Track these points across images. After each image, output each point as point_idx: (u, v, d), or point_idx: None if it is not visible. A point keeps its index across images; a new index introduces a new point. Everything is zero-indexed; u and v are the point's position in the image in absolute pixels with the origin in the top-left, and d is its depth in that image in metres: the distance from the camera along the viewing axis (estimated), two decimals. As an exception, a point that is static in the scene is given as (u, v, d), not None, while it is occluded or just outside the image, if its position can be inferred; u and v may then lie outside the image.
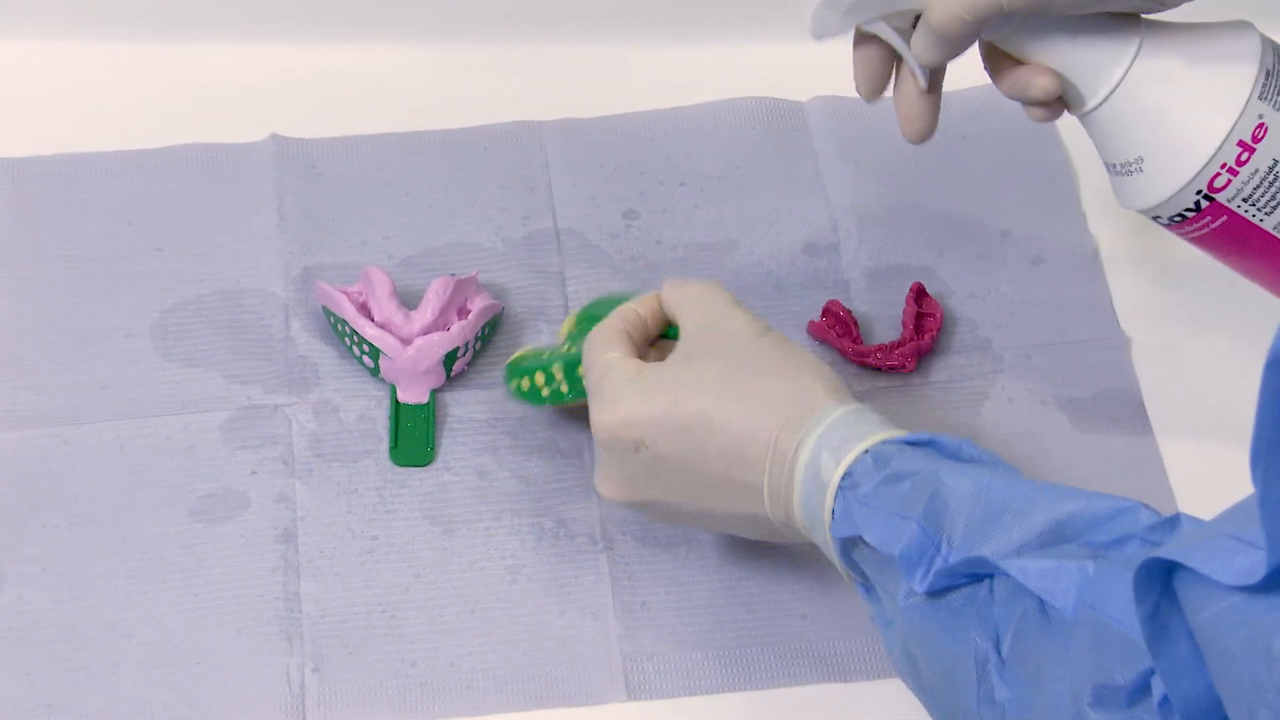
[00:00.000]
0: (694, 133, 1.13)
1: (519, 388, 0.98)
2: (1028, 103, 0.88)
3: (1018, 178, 1.12)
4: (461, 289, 1.01)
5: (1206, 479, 1.00)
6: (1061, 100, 0.88)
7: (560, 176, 1.10)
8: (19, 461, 0.98)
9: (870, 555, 0.81)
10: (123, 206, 1.08)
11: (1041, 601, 0.73)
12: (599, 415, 0.89)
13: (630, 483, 0.89)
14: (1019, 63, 0.88)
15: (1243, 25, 0.87)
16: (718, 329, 0.89)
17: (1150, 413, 1.02)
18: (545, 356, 0.97)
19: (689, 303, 0.91)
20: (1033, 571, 0.73)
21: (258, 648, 0.93)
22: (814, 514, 0.83)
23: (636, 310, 0.92)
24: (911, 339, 1.03)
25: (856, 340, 1.03)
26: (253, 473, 0.99)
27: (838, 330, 1.04)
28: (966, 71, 0.89)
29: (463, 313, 1.02)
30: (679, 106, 1.14)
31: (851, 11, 0.87)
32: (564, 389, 0.96)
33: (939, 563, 0.77)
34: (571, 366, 0.95)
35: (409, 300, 1.02)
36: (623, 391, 0.88)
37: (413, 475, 0.99)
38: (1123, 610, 0.69)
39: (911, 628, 0.79)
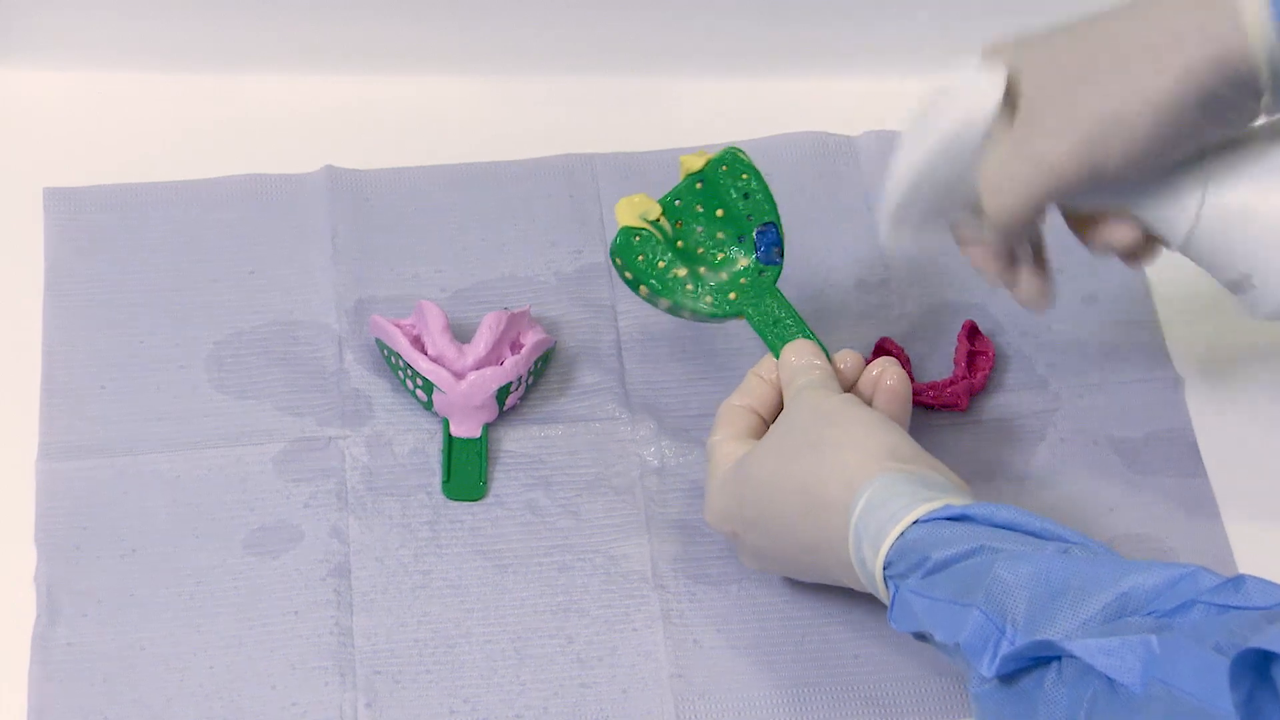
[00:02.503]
0: (746, 167, 1.13)
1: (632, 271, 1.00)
2: (1119, 255, 0.89)
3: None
4: (514, 323, 1.02)
5: (1260, 521, 1.00)
6: (1152, 239, 0.88)
7: (612, 210, 1.10)
8: (73, 493, 0.99)
9: (939, 643, 0.81)
10: (177, 237, 1.09)
11: (1110, 680, 0.72)
12: (704, 507, 0.94)
13: (751, 559, 0.94)
14: (1094, 217, 0.88)
15: None
16: (789, 404, 0.92)
17: (1203, 453, 1.02)
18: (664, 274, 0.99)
19: (786, 373, 0.95)
20: (1096, 650, 0.73)
21: (310, 682, 0.93)
22: (879, 593, 0.85)
23: (758, 375, 0.96)
24: (964, 377, 1.03)
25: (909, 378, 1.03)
26: (306, 506, 0.99)
27: (890, 367, 1.04)
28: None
29: (515, 347, 1.02)
30: (731, 141, 1.14)
31: (922, 224, 0.90)
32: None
33: (1004, 647, 0.77)
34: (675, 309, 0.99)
35: (461, 333, 1.03)
36: (712, 485, 0.93)
37: (465, 510, 0.99)
38: (1196, 685, 0.69)
39: (987, 713, 0.79)
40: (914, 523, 0.82)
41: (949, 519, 0.82)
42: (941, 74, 1.01)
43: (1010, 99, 0.86)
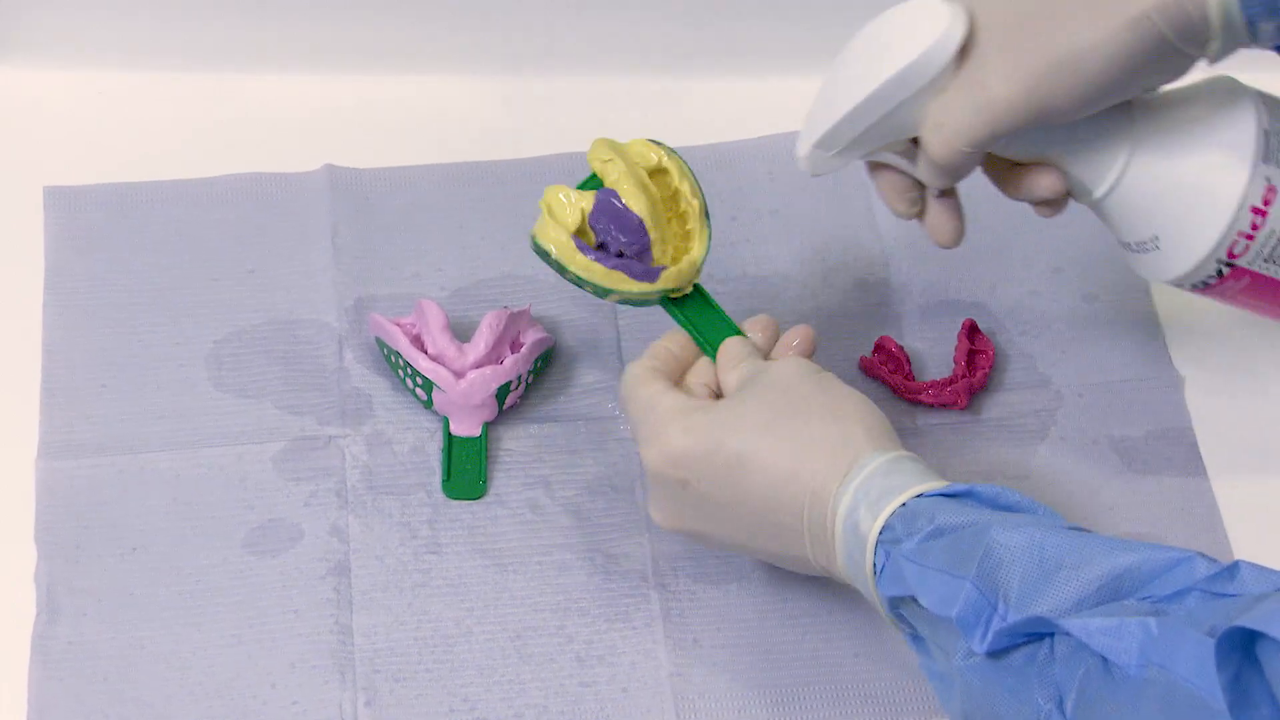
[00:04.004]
0: (746, 167, 1.13)
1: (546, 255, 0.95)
2: (1035, 203, 0.89)
3: (1069, 215, 1.11)
4: (514, 322, 1.02)
5: (1260, 520, 1.00)
6: (1068, 193, 0.89)
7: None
8: (73, 491, 0.99)
9: (921, 613, 0.81)
10: (177, 236, 1.09)
11: (1104, 660, 0.72)
12: (646, 450, 0.89)
13: (679, 515, 0.90)
14: (1018, 165, 0.88)
15: (1232, 87, 0.87)
16: (769, 370, 0.90)
17: (1203, 453, 1.02)
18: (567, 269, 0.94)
19: (731, 352, 0.93)
20: (1094, 630, 0.72)
21: (310, 681, 0.93)
22: (856, 566, 0.83)
23: (666, 345, 0.93)
24: (964, 376, 1.03)
25: (908, 376, 1.03)
26: (306, 504, 0.99)
27: (889, 366, 1.04)
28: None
29: (515, 346, 1.02)
30: (731, 141, 1.14)
31: (846, 151, 0.89)
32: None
33: (997, 622, 0.76)
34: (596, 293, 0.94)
35: (461, 331, 1.03)
36: (668, 427, 0.89)
37: (465, 509, 0.99)
38: (1192, 670, 0.68)
39: (972, 688, 0.78)
40: (918, 495, 0.82)
41: (952, 495, 0.82)
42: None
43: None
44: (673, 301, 0.95)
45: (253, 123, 1.14)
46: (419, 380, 1.01)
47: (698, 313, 0.95)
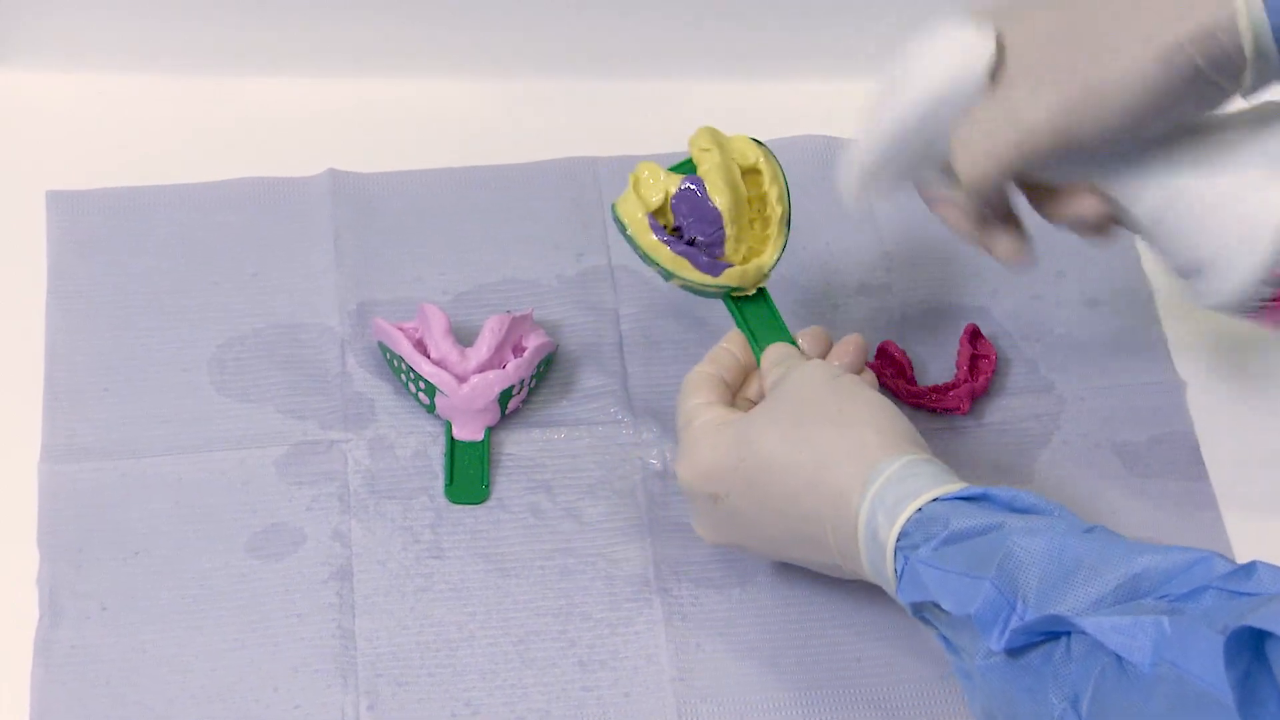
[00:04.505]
0: (748, 171, 1.13)
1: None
2: (1078, 229, 0.89)
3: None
4: (517, 326, 1.02)
5: (1262, 524, 1.00)
6: (1113, 218, 0.88)
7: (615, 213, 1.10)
8: (75, 495, 0.99)
9: (944, 616, 0.81)
10: (179, 240, 1.09)
11: (1120, 658, 0.72)
12: (680, 466, 0.91)
13: (717, 528, 0.92)
14: (1060, 192, 0.88)
15: (1276, 109, 0.87)
16: (790, 376, 0.90)
17: (1205, 457, 1.02)
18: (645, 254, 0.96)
19: (772, 356, 0.94)
20: (1109, 628, 0.73)
21: (313, 685, 0.93)
22: (879, 571, 0.84)
23: (728, 349, 0.94)
24: (966, 380, 1.03)
25: (911, 381, 1.04)
26: (308, 509, 0.99)
27: (891, 371, 1.04)
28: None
29: (518, 350, 1.02)
30: (734, 144, 1.14)
31: (890, 181, 0.90)
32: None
33: (1015, 621, 0.77)
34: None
35: (464, 335, 1.03)
36: (700, 443, 0.90)
37: (467, 513, 0.99)
38: (1204, 667, 0.69)
39: (991, 687, 0.79)
40: (934, 500, 0.82)
41: (968, 499, 0.82)
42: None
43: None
44: (735, 300, 0.97)
45: (254, 125, 1.14)
46: (421, 385, 1.01)
47: (757, 315, 0.97)
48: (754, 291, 0.97)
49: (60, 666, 0.93)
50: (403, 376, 1.02)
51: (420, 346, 1.01)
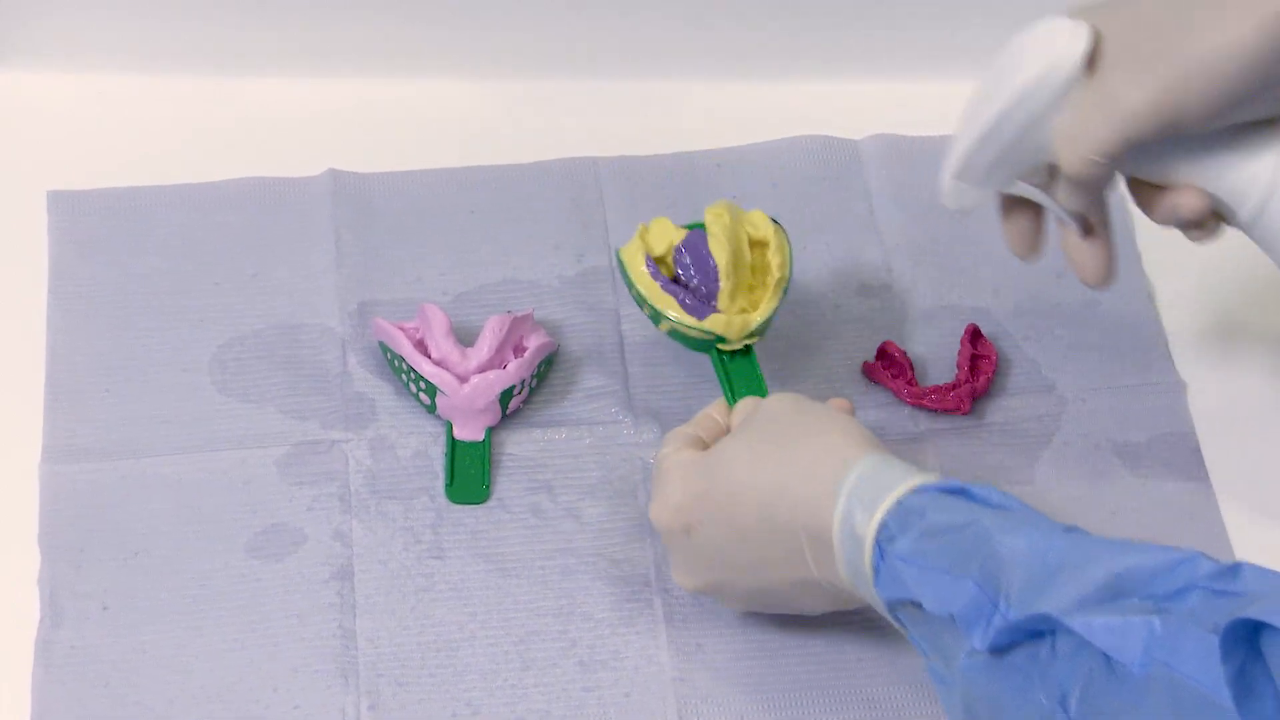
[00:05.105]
0: (749, 171, 1.13)
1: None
2: (1181, 226, 0.88)
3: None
4: (517, 326, 1.02)
5: (1263, 525, 1.00)
6: (1217, 216, 0.88)
7: (615, 213, 1.11)
8: (76, 495, 0.99)
9: (920, 616, 0.80)
10: (180, 241, 1.09)
11: (1107, 658, 0.72)
12: (653, 506, 0.92)
13: (693, 568, 0.91)
14: (1164, 189, 0.87)
15: None
16: (756, 412, 0.91)
17: (1206, 458, 1.02)
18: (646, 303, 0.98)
19: (742, 409, 0.94)
20: (1098, 627, 0.72)
21: (313, 685, 0.93)
22: (857, 570, 0.83)
23: (711, 414, 0.95)
24: (966, 381, 1.03)
25: (911, 382, 1.04)
26: (309, 509, 0.99)
27: (892, 371, 1.04)
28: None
29: (519, 350, 1.02)
30: (734, 145, 1.14)
31: (987, 180, 0.88)
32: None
33: (999, 620, 0.76)
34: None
35: (464, 335, 1.03)
36: (669, 478, 0.91)
37: (468, 513, 0.99)
38: (1197, 667, 0.68)
39: (974, 687, 0.78)
40: (913, 491, 0.82)
41: (946, 491, 0.82)
42: (944, 78, 1.02)
43: (1089, 57, 0.85)
44: (720, 354, 0.98)
45: (254, 125, 1.14)
46: (422, 385, 1.01)
47: (739, 372, 0.98)
48: (741, 348, 0.98)
49: (61, 667, 0.93)
50: (403, 376, 1.02)
51: (421, 347, 1.01)
